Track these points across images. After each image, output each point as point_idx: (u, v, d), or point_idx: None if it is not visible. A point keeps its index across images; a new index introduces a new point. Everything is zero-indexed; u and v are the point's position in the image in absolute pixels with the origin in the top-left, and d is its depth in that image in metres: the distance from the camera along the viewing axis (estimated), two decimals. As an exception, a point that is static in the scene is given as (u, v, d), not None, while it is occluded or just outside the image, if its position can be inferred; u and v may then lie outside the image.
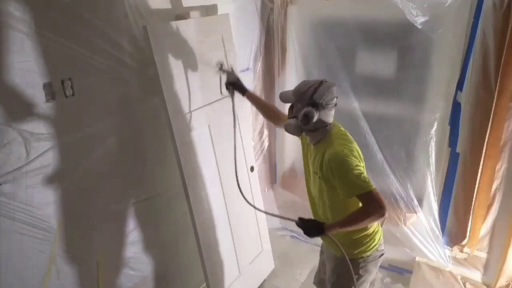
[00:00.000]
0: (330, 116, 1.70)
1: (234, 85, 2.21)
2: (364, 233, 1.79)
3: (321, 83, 1.66)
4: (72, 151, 1.75)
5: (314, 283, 2.19)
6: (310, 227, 1.72)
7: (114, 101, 1.90)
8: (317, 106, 1.63)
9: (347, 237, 1.78)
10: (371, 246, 1.81)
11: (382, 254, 1.90)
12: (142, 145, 2.11)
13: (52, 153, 1.67)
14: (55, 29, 1.58)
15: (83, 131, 1.78)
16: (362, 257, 1.82)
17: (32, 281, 1.69)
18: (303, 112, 1.63)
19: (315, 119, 1.63)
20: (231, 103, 2.19)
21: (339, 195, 1.67)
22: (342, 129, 1.81)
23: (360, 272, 1.84)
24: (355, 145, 1.73)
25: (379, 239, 1.86)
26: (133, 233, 2.15)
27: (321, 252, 2.12)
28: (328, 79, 1.74)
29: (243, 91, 2.20)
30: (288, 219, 1.86)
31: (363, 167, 1.68)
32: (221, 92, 2.29)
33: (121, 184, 2.02)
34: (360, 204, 1.62)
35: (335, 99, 1.69)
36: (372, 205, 1.55)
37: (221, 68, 2.24)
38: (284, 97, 1.78)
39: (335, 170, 1.61)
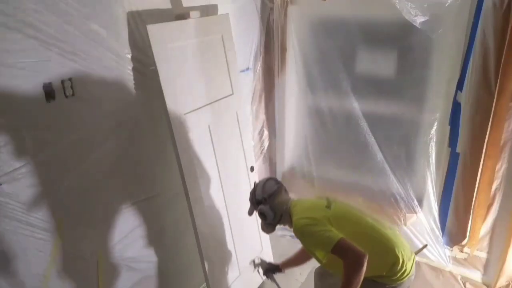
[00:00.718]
0: (282, 202, 1.89)
1: (270, 271, 2.37)
2: (392, 265, 1.71)
3: (255, 184, 1.95)
4: (72, 151, 1.75)
5: (315, 273, 2.18)
6: None
7: (114, 101, 1.90)
8: (262, 202, 1.89)
9: (377, 279, 1.74)
10: (404, 275, 1.73)
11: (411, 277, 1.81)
12: (142, 145, 2.11)
13: (52, 153, 1.67)
14: (55, 29, 1.58)
15: (83, 131, 1.78)
16: (392, 285, 1.75)
17: (32, 281, 1.69)
18: (258, 212, 1.91)
19: (268, 212, 1.86)
20: (276, 286, 2.36)
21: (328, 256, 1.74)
22: (296, 200, 1.94)
23: None
24: (310, 209, 1.81)
25: (411, 268, 1.76)
26: (133, 233, 2.15)
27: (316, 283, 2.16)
28: (328, 79, 1.78)
29: (279, 268, 2.34)
30: None
31: (329, 213, 1.74)
32: (262, 278, 2.57)
33: (121, 184, 2.02)
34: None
35: (275, 185, 1.91)
36: (347, 253, 1.61)
37: (253, 265, 2.45)
38: (249, 212, 2.01)
39: (303, 242, 1.80)
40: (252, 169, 2.64)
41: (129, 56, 1.92)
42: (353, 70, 2.72)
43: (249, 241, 2.64)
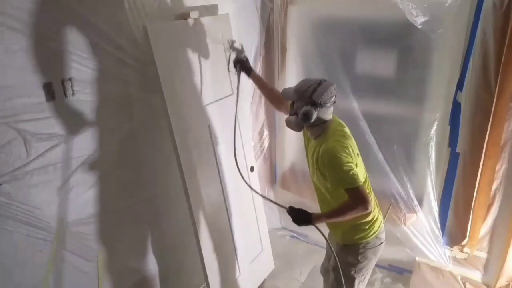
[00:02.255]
0: (328, 114, 1.80)
1: (242, 63, 2.24)
2: (364, 220, 1.85)
3: (320, 82, 1.76)
4: (72, 151, 1.75)
5: (321, 272, 2.24)
6: (298, 216, 1.82)
7: (114, 101, 1.90)
8: (316, 105, 1.73)
9: (347, 223, 1.85)
10: (370, 233, 1.88)
11: (382, 243, 1.96)
12: (142, 145, 2.11)
13: (52, 153, 1.67)
14: (55, 29, 1.58)
15: (83, 131, 1.78)
16: (361, 243, 1.89)
17: (32, 281, 1.69)
18: (303, 111, 1.74)
19: (313, 117, 1.73)
20: (237, 81, 2.22)
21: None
22: (341, 123, 1.90)
23: (359, 258, 1.91)
24: (351, 141, 1.82)
25: (378, 227, 1.91)
26: (132, 233, 2.15)
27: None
28: (328, 79, 1.80)
29: (249, 70, 2.24)
30: (280, 205, 1.99)
31: (356, 163, 1.75)
32: (228, 69, 2.33)
33: (121, 184, 2.02)
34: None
35: (334, 97, 1.78)
36: (357, 200, 1.66)
37: (232, 45, 2.26)
38: (286, 94, 1.89)
39: (326, 164, 1.73)
40: (252, 169, 2.64)
41: (129, 56, 1.92)
42: (353, 70, 2.71)
43: (249, 241, 2.64)
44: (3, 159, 1.50)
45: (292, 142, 3.20)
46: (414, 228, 2.73)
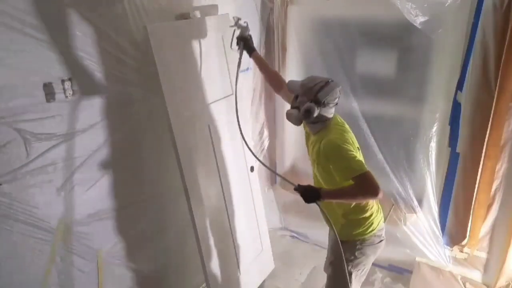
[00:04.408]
0: (330, 113, 1.84)
1: (246, 41, 2.23)
2: (363, 216, 1.87)
3: (327, 82, 1.78)
4: (72, 151, 1.75)
5: (324, 269, 2.24)
6: (307, 192, 1.79)
7: (114, 101, 1.90)
8: (319, 103, 1.75)
9: (345, 217, 1.87)
10: (368, 230, 1.89)
11: (382, 241, 1.97)
12: (142, 145, 2.11)
13: (52, 153, 1.67)
14: (55, 29, 1.58)
15: (83, 131, 1.78)
16: (359, 239, 1.91)
17: (32, 281, 1.69)
18: (305, 107, 1.76)
19: (315, 115, 1.76)
20: (238, 58, 2.22)
21: (336, 182, 1.78)
22: (341, 120, 1.93)
23: (356, 254, 1.92)
24: (351, 135, 1.86)
25: (378, 224, 1.92)
26: (132, 233, 2.15)
27: (329, 238, 2.19)
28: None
29: (252, 49, 2.24)
30: (288, 181, 1.99)
31: (359, 154, 1.80)
32: (230, 46, 2.31)
33: (121, 184, 2.02)
34: None
35: (337, 99, 1.82)
36: (367, 186, 1.66)
37: (237, 22, 2.24)
38: (291, 87, 1.89)
39: (330, 156, 1.74)
40: (252, 169, 2.64)
41: (129, 56, 1.92)
42: (353, 70, 2.71)
43: (249, 241, 2.64)
44: (3, 159, 1.50)
45: (292, 142, 3.20)
46: (414, 228, 2.73)
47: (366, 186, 1.66)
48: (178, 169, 2.06)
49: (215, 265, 2.30)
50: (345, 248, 1.90)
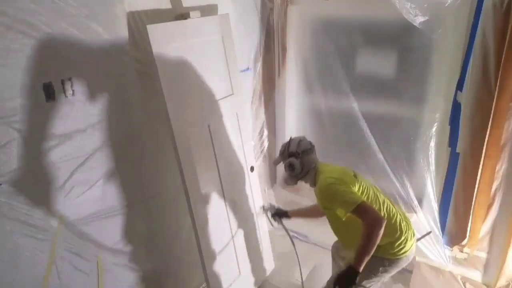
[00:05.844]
0: (311, 160, 2.04)
1: (278, 215, 2.52)
2: (395, 238, 1.90)
3: (289, 140, 2.09)
4: (72, 151, 1.75)
5: (331, 251, 2.32)
6: (344, 279, 1.78)
7: (114, 101, 1.90)
8: (294, 155, 2.02)
9: (382, 240, 1.80)
10: (401, 252, 1.92)
11: (407, 261, 1.98)
12: (142, 145, 2.11)
13: (52, 153, 1.67)
14: (55, 29, 1.58)
15: (83, 131, 1.78)
16: (390, 258, 1.93)
17: (32, 281, 1.69)
18: (286, 163, 2.04)
19: (297, 165, 1.99)
20: (284, 230, 2.51)
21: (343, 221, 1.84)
22: (326, 163, 2.07)
23: (380, 270, 1.94)
24: (340, 169, 1.97)
25: (410, 248, 1.95)
26: (133, 233, 2.15)
27: (333, 256, 2.27)
28: (328, 79, 1.82)
29: (287, 214, 2.49)
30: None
31: (357, 180, 1.89)
32: (272, 225, 2.68)
33: (121, 184, 2.02)
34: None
35: (310, 145, 2.07)
36: (368, 216, 1.73)
37: (263, 209, 2.65)
38: (276, 162, 2.18)
39: (326, 197, 1.88)
40: (252, 169, 2.64)
41: (129, 56, 1.92)
42: (353, 70, 2.72)
43: (249, 241, 2.64)
44: (3, 159, 1.50)
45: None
46: (414, 228, 2.73)
47: (366, 217, 1.72)
48: (178, 169, 2.06)
49: (215, 265, 2.30)
50: (371, 261, 1.81)
